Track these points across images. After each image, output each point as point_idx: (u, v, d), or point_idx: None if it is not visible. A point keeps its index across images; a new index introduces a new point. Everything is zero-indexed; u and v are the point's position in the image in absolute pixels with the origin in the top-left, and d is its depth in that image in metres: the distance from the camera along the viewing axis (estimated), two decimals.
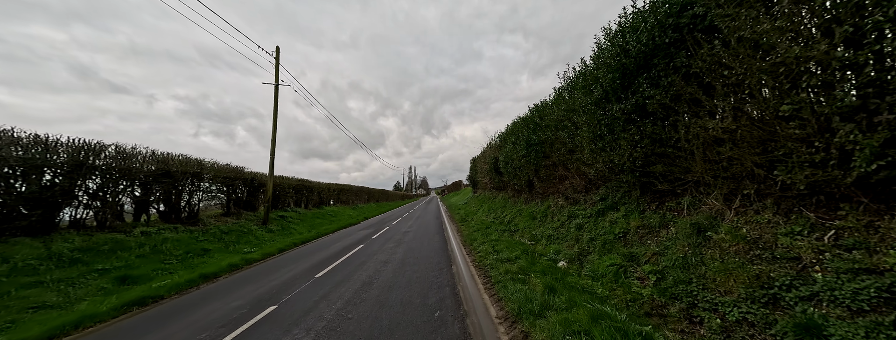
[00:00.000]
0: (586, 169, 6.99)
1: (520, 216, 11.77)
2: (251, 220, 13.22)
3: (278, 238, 12.64)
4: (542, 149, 9.88)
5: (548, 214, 9.49)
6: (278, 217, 15.35)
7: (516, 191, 14.34)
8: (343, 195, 26.58)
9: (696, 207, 4.46)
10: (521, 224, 10.80)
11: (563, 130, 8.18)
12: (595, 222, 6.59)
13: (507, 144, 13.90)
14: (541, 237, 8.60)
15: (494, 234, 10.10)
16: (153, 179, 9.12)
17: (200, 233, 9.98)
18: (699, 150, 4.15)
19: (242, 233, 11.54)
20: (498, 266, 5.97)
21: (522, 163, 11.45)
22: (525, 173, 11.50)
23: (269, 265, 8.40)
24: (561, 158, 8.62)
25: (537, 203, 11.09)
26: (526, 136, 10.83)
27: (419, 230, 13.53)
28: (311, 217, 18.43)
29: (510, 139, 13.10)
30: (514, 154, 12.24)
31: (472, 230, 11.65)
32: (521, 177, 12.09)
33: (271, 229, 13.30)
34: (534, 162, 10.41)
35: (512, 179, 13.45)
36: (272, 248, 10.46)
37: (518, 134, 12.00)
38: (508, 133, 14.47)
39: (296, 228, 14.92)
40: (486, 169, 20.27)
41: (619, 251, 5.18)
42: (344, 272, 6.80)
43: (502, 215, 13.86)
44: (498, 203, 17.00)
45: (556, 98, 9.27)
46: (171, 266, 7.77)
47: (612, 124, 5.52)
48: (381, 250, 9.19)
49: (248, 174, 13.90)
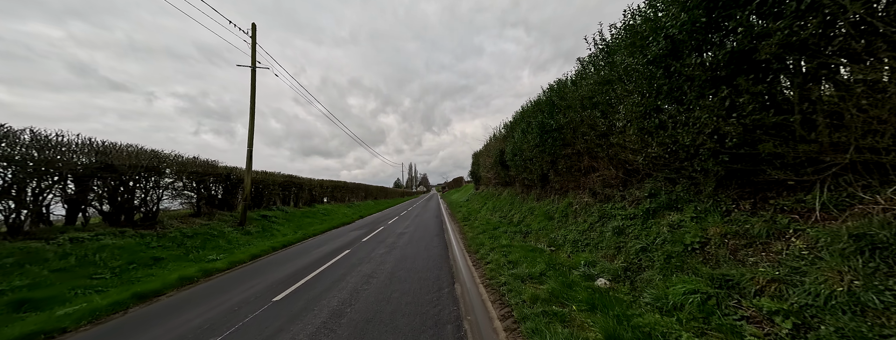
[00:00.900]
0: (629, 156, 5.33)
1: (532, 215, 10.13)
2: (226, 221, 11.60)
3: (256, 241, 11.02)
4: (560, 136, 8.21)
5: (568, 213, 7.84)
6: (260, 217, 13.73)
7: (526, 187, 12.68)
8: (338, 192, 24.96)
9: (842, 206, 2.81)
10: (534, 224, 9.16)
11: (592, 109, 6.51)
12: (643, 226, 4.94)
13: (515, 134, 12.22)
14: (562, 241, 6.97)
15: (504, 238, 8.47)
16: (91, 174, 7.47)
17: (154, 238, 8.35)
18: (857, 116, 2.50)
19: (211, 237, 9.92)
20: (518, 287, 4.34)
21: (535, 154, 9.79)
22: (538, 165, 9.84)
23: (230, 278, 6.79)
24: (587, 145, 6.96)
25: (553, 200, 9.44)
26: (539, 122, 9.16)
27: (416, 231, 11.91)
28: (300, 216, 16.81)
29: (519, 127, 11.44)
30: (525, 144, 10.57)
31: (476, 231, 10.02)
32: (532, 171, 10.43)
33: (249, 231, 11.68)
34: (549, 151, 8.74)
35: (520, 173, 11.79)
36: (244, 255, 8.84)
37: (529, 120, 10.32)
38: (517, 121, 12.79)
39: (279, 229, 13.30)
40: (489, 163, 18.61)
41: (696, 270, 3.54)
42: (313, 292, 5.17)
43: (510, 214, 12.22)
44: (504, 200, 15.35)
45: (578, 73, 7.59)
46: (101, 282, 6.15)
47: (680, 89, 3.86)
48: (369, 258, 7.57)
49: (223, 169, 12.26)
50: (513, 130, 13.12)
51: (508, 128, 14.27)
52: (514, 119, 13.23)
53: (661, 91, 4.15)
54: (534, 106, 10.39)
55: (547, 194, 10.24)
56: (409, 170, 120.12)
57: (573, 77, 7.86)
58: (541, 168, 9.80)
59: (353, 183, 29.18)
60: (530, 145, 10.12)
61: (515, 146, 11.91)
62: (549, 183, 9.83)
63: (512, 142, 12.71)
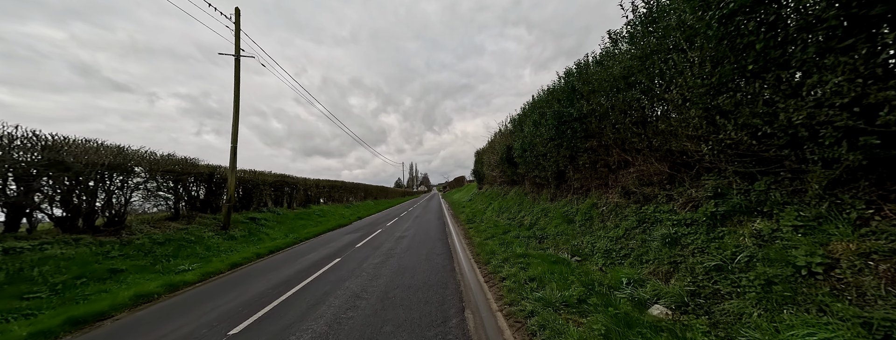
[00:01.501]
0: (685, 145, 4.17)
1: (546, 217, 8.97)
2: (208, 225, 10.49)
3: (240, 247, 9.92)
4: (582, 127, 7.05)
5: (593, 216, 6.69)
6: (248, 219, 12.62)
7: (536, 186, 11.53)
8: (335, 192, 23.85)
9: None
10: (549, 228, 8.01)
11: (627, 91, 5.35)
12: (709, 236, 3.79)
13: (524, 128, 11.07)
14: (589, 250, 5.82)
15: (517, 244, 7.32)
16: (38, 173, 6.37)
17: (116, 246, 7.24)
18: None
19: (187, 244, 8.81)
20: (554, 322, 3.18)
21: (549, 149, 8.63)
22: (552, 161, 8.68)
23: (197, 294, 5.69)
24: (619, 136, 5.81)
25: (571, 200, 8.28)
26: (555, 112, 8.00)
27: (417, 235, 10.79)
28: (293, 218, 15.71)
29: (529, 120, 10.28)
30: (537, 137, 9.42)
31: (484, 236, 8.88)
32: (545, 168, 9.27)
33: (233, 235, 10.57)
34: (568, 145, 7.59)
35: (531, 170, 10.64)
36: (222, 264, 7.75)
37: (542, 110, 9.16)
38: (527, 113, 11.62)
39: (268, 233, 12.19)
40: (494, 160, 17.45)
41: (824, 305, 2.39)
42: (281, 321, 4.04)
43: (519, 215, 11.07)
44: (511, 200, 14.20)
45: (606, 52, 6.42)
46: (34, 303, 5.05)
47: (783, 45, 2.71)
48: (360, 269, 6.44)
49: (206, 168, 11.15)
50: (522, 124, 11.96)
51: (517, 122, 13.10)
52: (524, 112, 12.07)
53: (746, 53, 3.00)
54: (547, 94, 9.23)
55: (563, 193, 9.08)
56: (410, 170, 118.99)
57: (598, 56, 6.69)
58: (556, 164, 8.64)
59: (352, 183, 28.08)
60: (543, 139, 8.96)
61: (525, 141, 10.75)
62: (567, 181, 8.68)
63: (520, 136, 11.55)
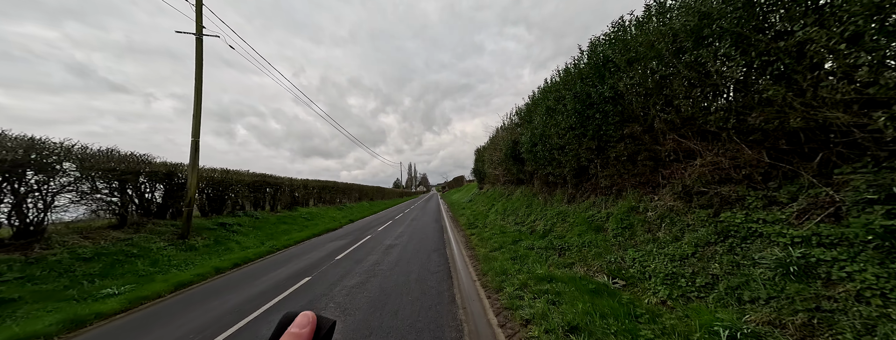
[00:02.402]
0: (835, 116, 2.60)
1: (564, 223, 7.38)
2: (162, 233, 8.85)
3: (200, 259, 8.29)
4: (617, 109, 5.47)
5: (634, 224, 5.10)
6: (217, 225, 10.97)
7: (548, 185, 9.94)
8: (326, 193, 22.19)
9: None
10: (571, 237, 6.41)
11: (701, 48, 3.77)
12: (884, 266, 2.21)
13: (534, 118, 9.49)
14: (639, 271, 4.23)
15: (533, 258, 5.74)
16: None
17: (16, 266, 5.60)
18: None
19: (125, 258, 7.17)
20: None
21: (568, 140, 7.06)
22: (572, 155, 7.10)
23: (104, 333, 4.07)
24: (681, 115, 4.23)
25: (598, 202, 6.69)
26: (577, 94, 6.42)
27: (410, 243, 9.18)
28: (275, 222, 14.07)
29: (541, 108, 8.69)
30: (551, 127, 7.84)
31: (490, 246, 7.28)
32: (562, 163, 7.69)
33: (194, 245, 8.93)
34: (594, 133, 6.00)
35: (542, 167, 9.06)
36: (164, 284, 6.13)
37: (559, 94, 7.57)
38: (538, 101, 10.04)
39: (240, 241, 10.55)
40: (497, 158, 15.86)
41: None
42: None
43: (529, 219, 9.47)
44: (517, 201, 12.60)
45: (654, 6, 4.83)
46: None
47: None
48: (328, 297, 4.81)
49: (162, 166, 9.49)
50: (531, 114, 10.38)
51: (524, 114, 11.51)
52: (534, 100, 10.48)
53: None
54: (565, 75, 7.64)
55: (584, 194, 7.49)
56: (409, 170, 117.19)
57: (641, 15, 5.09)
58: (576, 158, 7.05)
59: (345, 184, 26.39)
60: (560, 128, 7.38)
61: (535, 133, 9.17)
62: (590, 178, 7.10)
63: (529, 128, 9.97)
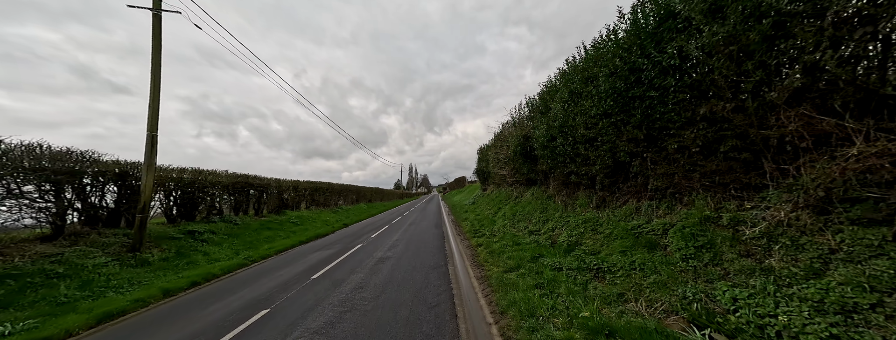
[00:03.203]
0: None
1: (595, 235, 5.85)
2: (109, 245, 7.37)
3: (149, 277, 6.81)
4: (684, 82, 3.96)
5: (716, 243, 3.58)
6: (183, 234, 9.49)
7: (568, 186, 8.43)
8: (319, 195, 20.69)
9: None
10: (610, 254, 4.89)
11: None
12: None
13: (553, 107, 7.98)
14: (746, 320, 2.71)
15: (565, 285, 4.23)
16: None
17: None
18: None
19: (42, 281, 5.69)
20: None
21: (602, 129, 5.55)
22: (605, 148, 5.59)
23: None
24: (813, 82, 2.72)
25: (644, 209, 5.16)
26: (617, 69, 4.93)
27: (405, 254, 7.67)
28: (258, 228, 12.59)
29: (563, 92, 7.17)
30: (577, 117, 6.34)
31: (503, 264, 5.76)
32: (591, 160, 6.18)
33: (147, 259, 7.44)
34: (643, 119, 4.50)
35: (563, 165, 7.55)
36: (83, 318, 4.68)
37: (589, 74, 6.06)
38: (556, 87, 8.52)
39: (209, 252, 9.07)
40: (503, 156, 14.35)
41: None
42: None
43: (545, 227, 7.94)
44: (528, 204, 11.08)
45: None
46: None
47: None
48: None
49: (112, 164, 8.01)
50: (547, 103, 8.87)
51: (538, 104, 9.98)
52: (550, 86, 8.94)
53: None
54: (596, 51, 6.10)
55: (621, 198, 5.96)
56: (410, 171, 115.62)
57: None
58: (611, 153, 5.55)
59: (340, 185, 24.88)
60: (590, 116, 5.88)
61: (553, 125, 7.67)
62: (632, 177, 5.58)
63: (545, 120, 8.46)
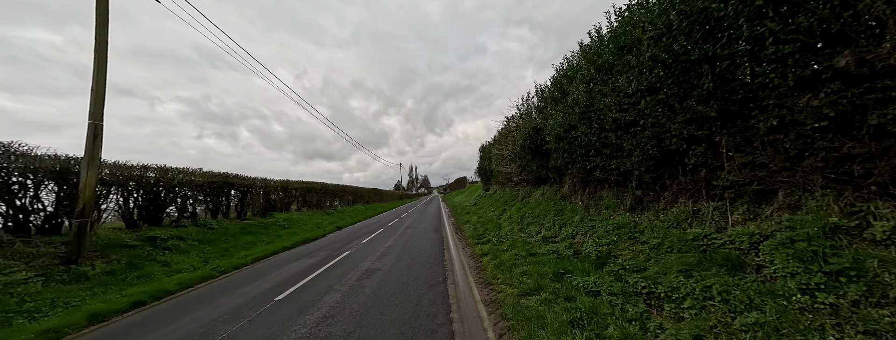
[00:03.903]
0: None
1: (634, 244, 4.54)
2: (36, 257, 6.05)
3: (83, 295, 5.51)
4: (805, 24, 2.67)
5: (865, 269, 2.29)
6: (143, 241, 8.18)
7: (588, 184, 7.11)
8: (312, 195, 19.37)
9: None
10: (668, 278, 3.58)
11: None
12: None
13: (572, 90, 6.68)
14: None
15: (612, 321, 2.92)
16: None
17: None
18: None
19: None
20: None
21: (644, 111, 4.26)
22: (648, 136, 4.30)
23: None
24: None
25: (708, 212, 3.85)
26: (673, 22, 3.65)
27: (397, 265, 6.35)
28: (238, 233, 11.29)
29: (587, 71, 5.87)
30: (607, 98, 5.04)
31: (519, 284, 4.41)
32: (626, 150, 4.88)
33: (85, 273, 6.13)
34: (716, 88, 3.21)
35: (585, 159, 6.24)
36: None
37: (628, 41, 4.76)
38: (575, 67, 7.21)
39: (171, 262, 7.77)
40: (508, 153, 13.05)
41: None
42: None
43: (564, 233, 6.62)
44: (536, 205, 9.77)
45: None
46: None
47: None
48: None
49: (48, 161, 6.70)
50: (564, 87, 7.57)
51: (551, 90, 8.64)
52: (567, 68, 7.60)
53: None
54: (633, 11, 4.80)
55: (669, 197, 4.64)
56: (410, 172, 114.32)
57: None
58: (657, 139, 4.25)
59: (335, 185, 23.54)
60: (626, 95, 4.59)
61: (572, 111, 6.38)
62: (689, 171, 4.26)
63: (561, 108, 7.17)
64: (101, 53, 6.66)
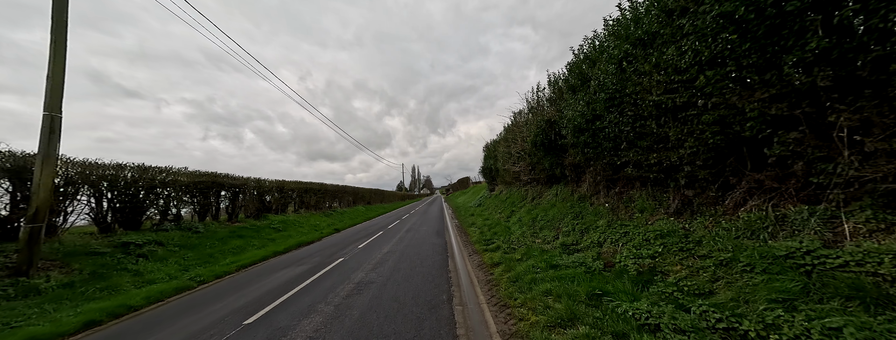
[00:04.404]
0: None
1: (687, 257, 3.56)
2: None
3: (29, 313, 4.63)
4: None
5: None
6: (115, 247, 7.34)
7: (616, 183, 6.13)
8: (310, 196, 18.52)
9: None
10: (757, 309, 2.61)
11: None
12: None
13: (596, 74, 5.71)
14: None
15: None
16: None
17: None
18: None
19: None
20: None
21: (705, 88, 3.28)
22: (708, 119, 3.32)
23: None
24: None
25: (799, 218, 2.87)
26: None
27: (393, 277, 5.40)
28: (226, 237, 10.44)
29: (617, 49, 4.90)
30: (641, 79, 4.08)
31: (546, 313, 3.42)
32: (671, 142, 3.92)
33: (37, 286, 5.27)
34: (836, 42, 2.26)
35: (614, 154, 5.28)
36: None
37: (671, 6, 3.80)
38: (603, 47, 6.22)
39: (144, 271, 6.91)
40: (516, 151, 12.08)
41: None
42: None
43: (588, 240, 5.65)
44: (549, 207, 8.79)
45: None
46: None
47: None
48: None
49: (3, 158, 5.87)
50: (584, 73, 6.61)
51: (569, 77, 7.65)
52: (590, 50, 6.61)
53: None
54: None
55: (725, 201, 3.65)
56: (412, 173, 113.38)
57: None
58: (720, 125, 3.28)
59: (335, 186, 22.68)
60: (676, 70, 3.63)
61: (596, 98, 5.41)
62: (765, 166, 3.27)
63: (582, 96, 6.20)
64: (60, 35, 5.81)
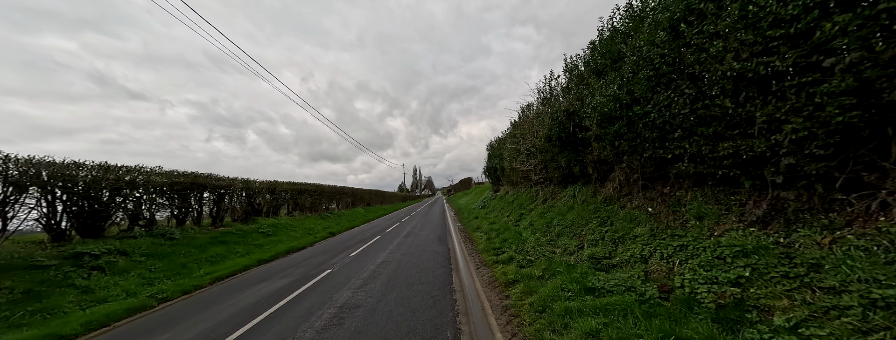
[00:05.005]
0: None
1: (814, 292, 2.47)
2: None
3: None
4: None
5: None
6: (65, 258, 6.26)
7: (655, 182, 5.01)
8: (305, 198, 17.42)
9: None
10: None
11: None
12: None
13: (637, 49, 4.61)
14: None
15: None
16: None
17: None
18: None
19: None
20: None
21: (839, 38, 2.20)
22: (834, 88, 2.24)
23: None
24: None
25: None
26: None
27: (387, 297, 4.29)
28: (206, 243, 9.35)
29: (667, 11, 3.81)
30: (706, 45, 2.98)
31: None
32: (757, 125, 2.82)
33: None
34: None
35: (659, 146, 4.17)
36: None
37: None
38: (642, 13, 5.10)
39: (97, 286, 5.83)
40: (526, 147, 10.96)
41: None
42: None
43: (623, 253, 4.54)
44: (565, 210, 7.66)
45: None
46: None
47: None
48: None
49: None
50: (613, 52, 5.50)
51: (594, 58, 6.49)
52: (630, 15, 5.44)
53: None
54: None
55: (851, 210, 2.55)
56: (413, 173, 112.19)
57: None
58: (855, 93, 2.18)
59: (332, 187, 21.53)
60: (775, 21, 2.52)
61: (636, 78, 4.31)
62: None
63: (613, 78, 5.10)
64: None
